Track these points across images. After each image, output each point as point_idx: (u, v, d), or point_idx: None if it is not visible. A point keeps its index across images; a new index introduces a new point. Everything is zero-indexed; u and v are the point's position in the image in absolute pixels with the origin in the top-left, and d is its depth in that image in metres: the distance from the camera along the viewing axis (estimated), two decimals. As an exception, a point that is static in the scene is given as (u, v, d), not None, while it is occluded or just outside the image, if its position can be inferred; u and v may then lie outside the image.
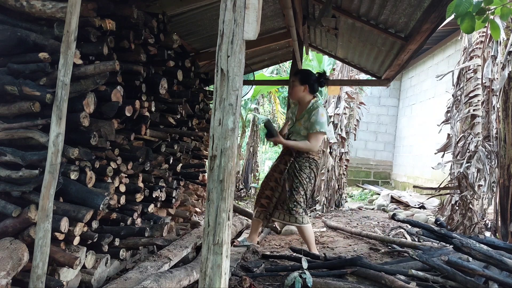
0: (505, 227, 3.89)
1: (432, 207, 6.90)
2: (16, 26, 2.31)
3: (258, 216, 3.67)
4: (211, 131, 1.62)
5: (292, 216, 3.44)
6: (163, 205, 3.66)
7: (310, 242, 3.51)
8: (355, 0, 3.77)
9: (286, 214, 3.47)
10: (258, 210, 3.67)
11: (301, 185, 3.44)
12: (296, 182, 3.44)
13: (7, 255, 1.95)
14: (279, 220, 3.57)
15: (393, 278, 2.59)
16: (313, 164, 3.48)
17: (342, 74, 7.34)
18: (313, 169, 3.48)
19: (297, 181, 3.44)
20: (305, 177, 3.45)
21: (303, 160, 3.46)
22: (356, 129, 7.66)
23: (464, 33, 2.72)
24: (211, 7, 3.82)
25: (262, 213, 3.65)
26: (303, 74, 3.58)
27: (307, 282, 2.54)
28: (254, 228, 3.79)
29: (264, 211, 3.64)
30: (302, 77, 3.51)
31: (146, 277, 2.31)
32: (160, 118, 3.45)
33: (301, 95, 3.48)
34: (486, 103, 4.70)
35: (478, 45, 5.05)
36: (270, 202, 3.61)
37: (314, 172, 3.50)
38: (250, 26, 1.61)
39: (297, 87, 3.49)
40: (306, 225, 3.46)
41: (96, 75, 2.30)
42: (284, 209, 3.48)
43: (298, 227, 3.49)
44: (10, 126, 2.17)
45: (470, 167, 4.63)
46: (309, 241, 3.50)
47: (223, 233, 1.57)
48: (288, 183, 3.47)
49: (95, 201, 2.23)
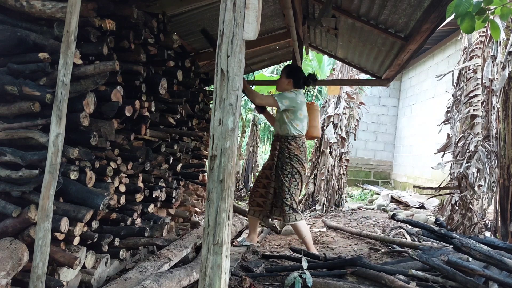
0: (505, 227, 3.89)
1: (432, 207, 6.89)
2: (16, 26, 2.31)
3: (253, 214, 3.69)
4: (211, 131, 1.62)
5: (283, 213, 3.50)
6: (163, 205, 3.66)
7: (305, 239, 3.52)
8: (355, 0, 3.77)
9: (278, 211, 3.60)
10: (254, 209, 3.69)
11: (283, 183, 3.48)
12: (280, 180, 3.51)
13: (7, 255, 1.95)
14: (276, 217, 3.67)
15: (393, 278, 2.59)
16: (294, 160, 3.50)
17: (342, 74, 7.33)
18: (294, 165, 3.50)
19: (281, 179, 3.51)
20: (287, 174, 3.49)
21: (285, 157, 3.51)
22: (356, 129, 7.66)
23: (464, 33, 2.72)
24: (211, 7, 3.82)
25: (260, 212, 3.67)
26: (291, 68, 3.74)
27: (307, 282, 2.54)
28: (253, 227, 3.81)
29: (262, 210, 3.66)
30: (289, 71, 3.65)
31: (146, 277, 2.31)
32: (160, 118, 3.44)
33: (285, 87, 3.60)
34: (486, 103, 4.70)
35: (478, 45, 5.05)
36: (267, 200, 3.64)
37: (295, 168, 3.50)
38: (250, 26, 1.61)
39: (283, 79, 3.62)
40: (297, 222, 3.48)
41: (96, 75, 2.30)
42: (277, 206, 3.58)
43: (291, 225, 3.53)
44: (10, 126, 2.17)
45: (470, 167, 4.63)
46: (304, 238, 3.52)
47: (223, 233, 1.57)
48: (275, 182, 3.56)
49: (95, 201, 2.23)
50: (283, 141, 3.54)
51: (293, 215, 3.47)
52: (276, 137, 3.67)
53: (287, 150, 3.50)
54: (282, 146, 3.53)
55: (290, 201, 3.46)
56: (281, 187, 3.49)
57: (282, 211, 3.51)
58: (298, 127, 3.52)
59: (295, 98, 3.49)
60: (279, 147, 3.55)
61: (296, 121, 3.51)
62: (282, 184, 3.49)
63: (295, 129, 3.52)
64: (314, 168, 7.25)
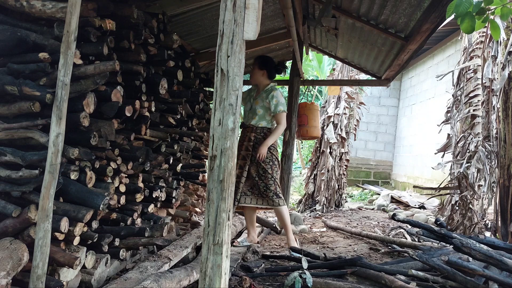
0: (505, 227, 3.89)
1: (432, 207, 6.89)
2: (16, 26, 2.31)
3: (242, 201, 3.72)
4: (211, 131, 1.62)
5: (265, 199, 3.66)
6: (163, 205, 3.66)
7: (286, 226, 3.74)
8: (355, 0, 3.77)
9: (259, 199, 3.70)
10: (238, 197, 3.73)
11: (266, 171, 3.64)
12: (262, 168, 3.64)
13: (7, 255, 1.95)
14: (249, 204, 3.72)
15: (393, 278, 2.59)
16: (272, 147, 3.69)
17: (342, 74, 7.34)
18: (273, 152, 3.70)
19: (262, 167, 3.64)
20: (268, 162, 3.65)
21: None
22: (356, 129, 7.66)
23: (464, 33, 2.72)
24: (211, 7, 3.82)
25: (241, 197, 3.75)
26: (262, 59, 3.87)
27: (307, 282, 2.54)
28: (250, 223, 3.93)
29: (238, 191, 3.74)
30: (261, 62, 3.80)
31: (146, 277, 2.31)
32: (160, 118, 3.44)
33: (260, 79, 3.78)
34: (486, 103, 4.70)
35: (478, 45, 5.05)
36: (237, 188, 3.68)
37: (274, 154, 3.72)
38: (250, 26, 1.61)
39: (256, 70, 3.78)
40: (280, 207, 3.66)
41: (96, 75, 2.29)
42: (254, 194, 3.69)
43: (274, 209, 3.70)
44: (10, 126, 2.17)
45: (470, 167, 4.63)
46: (286, 225, 3.73)
47: (223, 233, 1.57)
48: (254, 170, 3.67)
49: (95, 201, 2.23)
50: (258, 131, 3.71)
51: (277, 200, 3.64)
52: (250, 128, 3.76)
53: (264, 140, 3.65)
54: (258, 137, 3.70)
55: (274, 187, 3.64)
56: (264, 175, 3.64)
57: (266, 197, 3.66)
58: (273, 121, 3.76)
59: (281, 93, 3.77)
60: (255, 138, 3.69)
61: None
62: (264, 171, 3.64)
63: (271, 123, 3.76)
64: (314, 168, 7.25)
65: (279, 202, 3.63)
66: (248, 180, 3.69)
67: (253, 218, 3.94)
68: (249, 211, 3.89)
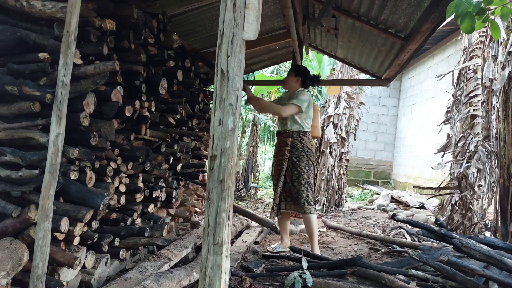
0: (505, 227, 3.89)
1: (432, 207, 6.89)
2: (16, 26, 2.31)
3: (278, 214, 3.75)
4: (211, 131, 1.62)
5: (298, 205, 3.60)
6: (163, 205, 3.66)
7: (313, 234, 3.61)
8: (355, 0, 3.76)
9: (293, 204, 3.67)
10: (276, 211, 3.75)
11: (301, 175, 3.60)
12: (297, 173, 3.60)
13: (7, 255, 1.95)
14: (286, 210, 3.72)
15: (393, 278, 2.59)
16: (309, 153, 3.68)
17: (342, 74, 7.33)
18: (309, 157, 3.67)
19: (297, 172, 3.60)
20: (304, 166, 3.62)
21: (299, 151, 3.65)
22: (356, 129, 7.66)
23: (464, 33, 2.72)
24: (211, 7, 3.82)
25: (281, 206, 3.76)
26: (300, 68, 3.98)
27: (307, 282, 2.54)
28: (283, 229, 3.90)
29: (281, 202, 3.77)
30: (297, 69, 3.90)
31: (146, 277, 2.31)
32: (160, 118, 3.45)
33: (293, 85, 3.83)
34: (486, 103, 4.70)
35: (478, 45, 5.05)
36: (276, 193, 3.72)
37: (311, 160, 3.68)
38: (250, 26, 1.61)
39: (291, 77, 3.84)
40: (311, 214, 3.57)
41: (96, 75, 2.29)
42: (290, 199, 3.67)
43: (303, 216, 3.62)
44: (10, 126, 2.17)
45: (470, 167, 4.63)
46: (313, 232, 3.61)
47: (223, 233, 1.57)
48: (288, 175, 3.64)
49: (95, 201, 2.23)
50: (295, 136, 3.69)
51: (308, 208, 3.56)
52: (286, 133, 3.75)
53: (301, 144, 3.66)
54: (294, 141, 3.67)
55: (306, 193, 3.59)
56: (298, 180, 3.60)
57: (297, 204, 3.61)
58: (308, 124, 3.75)
59: (310, 99, 3.72)
60: (291, 142, 3.67)
61: (307, 119, 3.74)
62: (299, 176, 3.60)
63: (306, 126, 3.73)
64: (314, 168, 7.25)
65: (310, 210, 3.55)
66: (285, 185, 3.69)
67: (287, 224, 3.93)
68: (283, 216, 3.86)
